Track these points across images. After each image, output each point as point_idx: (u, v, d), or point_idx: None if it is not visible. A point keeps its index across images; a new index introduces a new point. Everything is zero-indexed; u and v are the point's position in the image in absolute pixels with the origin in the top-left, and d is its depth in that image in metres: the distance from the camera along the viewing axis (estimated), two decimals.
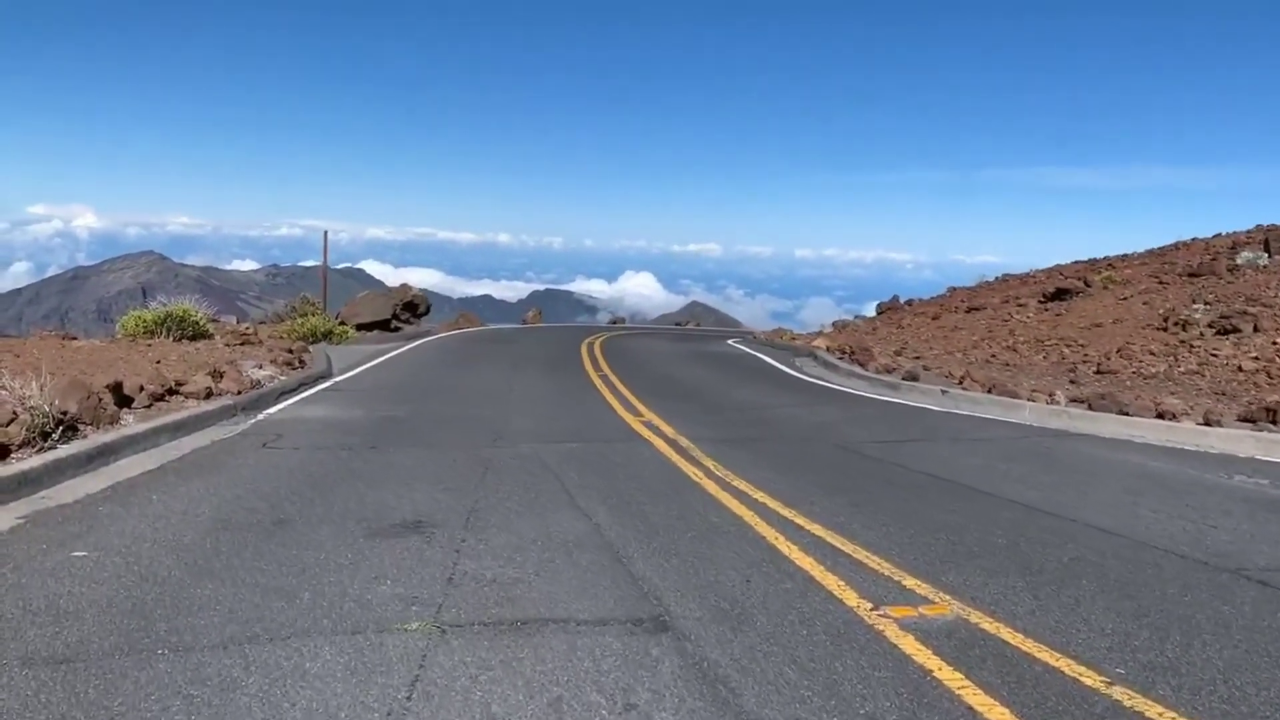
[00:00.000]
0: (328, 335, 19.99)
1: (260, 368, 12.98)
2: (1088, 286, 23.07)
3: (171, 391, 10.24)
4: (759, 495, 6.45)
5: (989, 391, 12.05)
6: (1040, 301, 23.25)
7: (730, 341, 28.91)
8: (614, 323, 46.80)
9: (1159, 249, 32.27)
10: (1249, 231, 30.09)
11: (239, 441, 8.42)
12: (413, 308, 26.34)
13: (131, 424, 8.35)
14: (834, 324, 30.28)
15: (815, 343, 21.05)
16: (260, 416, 9.96)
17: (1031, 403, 11.11)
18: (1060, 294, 22.71)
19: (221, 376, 11.34)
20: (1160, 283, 22.46)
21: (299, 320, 20.06)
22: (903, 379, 13.64)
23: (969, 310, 25.55)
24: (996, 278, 36.42)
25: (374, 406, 10.85)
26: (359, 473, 7.05)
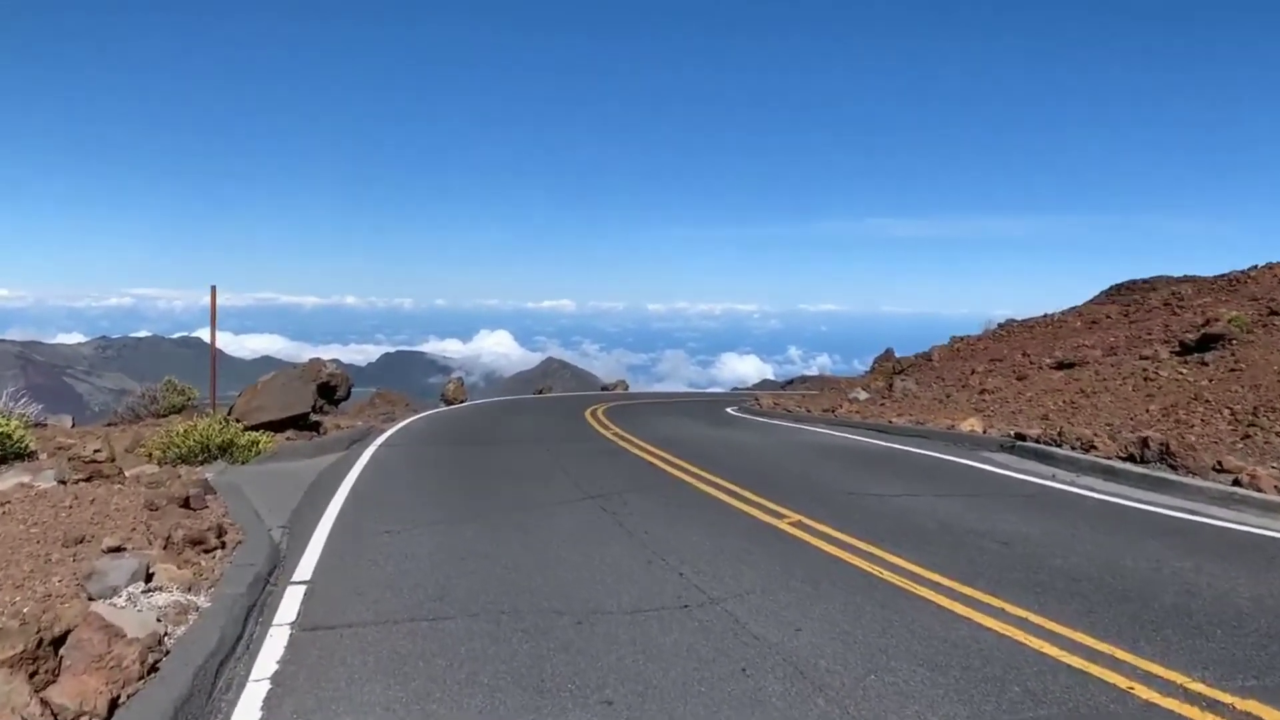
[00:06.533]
0: (226, 448, 12.60)
1: (150, 583, 5.83)
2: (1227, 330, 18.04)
3: None
4: None
5: None
6: (1177, 352, 18.05)
7: (733, 410, 22.61)
8: (539, 392, 40.05)
9: (1211, 280, 28.10)
10: None
11: None
12: (329, 391, 18.92)
13: None
14: (864, 383, 24.52)
15: (966, 425, 14.88)
16: None
17: None
18: (1207, 342, 17.55)
19: (58, 648, 4.24)
20: None
21: (181, 430, 12.53)
22: None
23: (1060, 367, 20.17)
24: (1000, 325, 31.83)
25: None
26: None
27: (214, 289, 15.22)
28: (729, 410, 25.98)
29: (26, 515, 8.27)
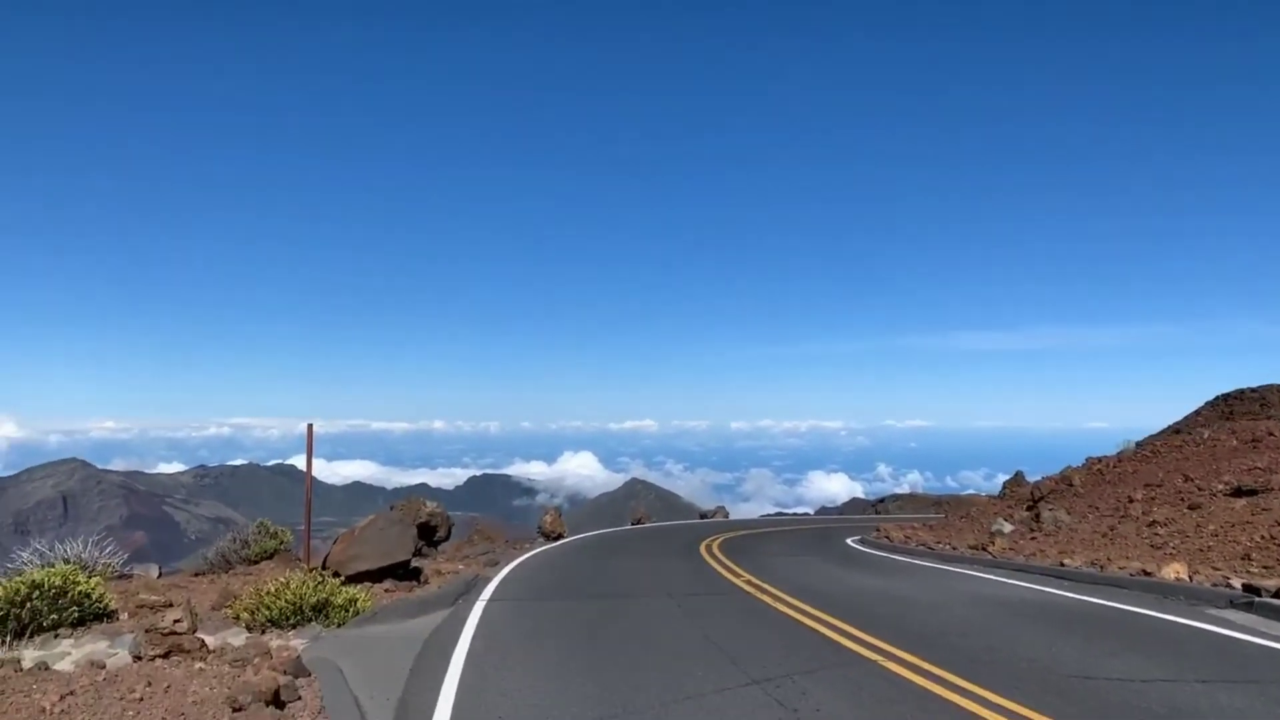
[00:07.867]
0: (321, 609, 11.25)
1: None
2: None
3: None
4: None
5: None
6: None
7: (854, 543, 20.49)
8: (636, 522, 38.29)
9: None
10: None
11: None
12: (429, 532, 17.59)
13: None
14: (1003, 510, 22.24)
15: (1169, 570, 12.59)
16: None
17: None
18: None
19: None
20: None
21: (272, 590, 11.23)
22: None
23: (1238, 493, 17.78)
24: (1139, 444, 29.33)
25: None
26: None
27: (310, 427, 14.19)
28: (850, 543, 23.86)
29: (89, 714, 6.93)
